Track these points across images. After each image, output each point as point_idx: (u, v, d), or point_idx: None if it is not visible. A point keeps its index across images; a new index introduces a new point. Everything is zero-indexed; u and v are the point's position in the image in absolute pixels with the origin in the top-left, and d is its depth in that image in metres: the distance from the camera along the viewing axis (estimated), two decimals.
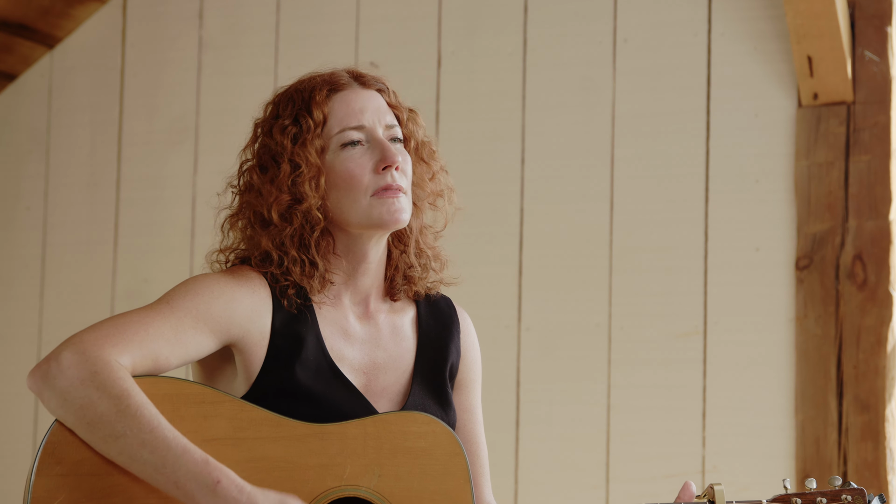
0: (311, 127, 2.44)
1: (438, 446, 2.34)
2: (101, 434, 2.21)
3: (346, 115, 2.46)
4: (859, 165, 4.02)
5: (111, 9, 4.70)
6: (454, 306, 2.63)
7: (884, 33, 4.04)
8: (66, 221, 4.69)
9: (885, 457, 3.91)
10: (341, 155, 2.44)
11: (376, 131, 2.46)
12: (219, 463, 2.22)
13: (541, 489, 4.19)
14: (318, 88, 2.47)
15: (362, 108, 2.46)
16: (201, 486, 2.19)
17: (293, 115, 2.46)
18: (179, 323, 2.32)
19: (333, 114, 2.46)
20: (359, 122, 2.45)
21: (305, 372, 2.39)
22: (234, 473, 2.22)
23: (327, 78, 2.50)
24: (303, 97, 2.47)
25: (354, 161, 2.43)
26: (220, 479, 2.20)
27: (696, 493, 2.45)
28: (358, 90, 2.49)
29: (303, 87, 2.49)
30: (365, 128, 2.45)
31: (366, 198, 2.42)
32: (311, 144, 2.43)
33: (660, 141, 4.19)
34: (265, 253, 2.44)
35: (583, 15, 4.28)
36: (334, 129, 2.45)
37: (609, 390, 4.17)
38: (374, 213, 2.42)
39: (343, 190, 2.43)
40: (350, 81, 2.50)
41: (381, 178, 2.42)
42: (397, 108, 2.53)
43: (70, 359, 2.22)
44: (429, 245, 2.58)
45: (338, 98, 2.47)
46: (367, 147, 2.45)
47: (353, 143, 2.44)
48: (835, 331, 3.99)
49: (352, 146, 2.44)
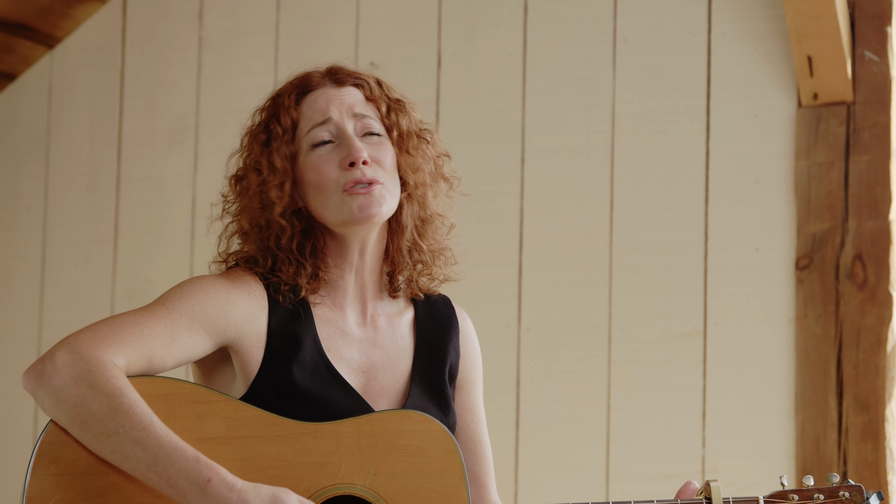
0: (279, 134, 2.45)
1: (433, 444, 2.34)
2: (93, 432, 2.21)
3: (312, 114, 2.46)
4: (859, 165, 4.02)
5: (111, 9, 4.71)
6: (453, 306, 2.62)
7: (884, 33, 4.04)
8: (66, 221, 4.69)
9: (885, 457, 3.91)
10: (311, 156, 2.44)
11: (344, 125, 2.45)
12: (210, 460, 2.22)
13: (541, 489, 4.19)
14: (286, 94, 2.48)
15: (328, 104, 2.46)
16: (192, 483, 2.20)
17: (265, 122, 2.48)
18: (174, 324, 2.32)
19: (303, 116, 2.47)
20: (324, 116, 2.45)
21: (303, 373, 2.39)
22: (225, 471, 2.22)
23: (298, 82, 2.50)
24: (273, 103, 2.49)
25: (322, 159, 2.43)
26: (211, 477, 2.20)
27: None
28: (329, 89, 2.48)
29: (277, 93, 2.50)
30: (332, 120, 2.45)
31: (336, 195, 2.42)
32: (277, 151, 2.44)
33: (660, 141, 4.19)
34: (254, 259, 2.45)
35: (583, 15, 4.28)
36: (304, 130, 2.45)
37: (609, 390, 4.17)
38: (346, 210, 2.41)
39: (315, 189, 2.43)
40: (322, 81, 2.49)
41: (348, 174, 2.42)
42: (377, 100, 2.51)
43: (64, 358, 2.23)
44: (429, 240, 2.56)
45: (307, 99, 2.47)
46: (336, 145, 2.45)
47: (322, 142, 2.44)
48: (835, 331, 3.99)
49: (322, 146, 2.44)
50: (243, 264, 2.46)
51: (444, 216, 2.57)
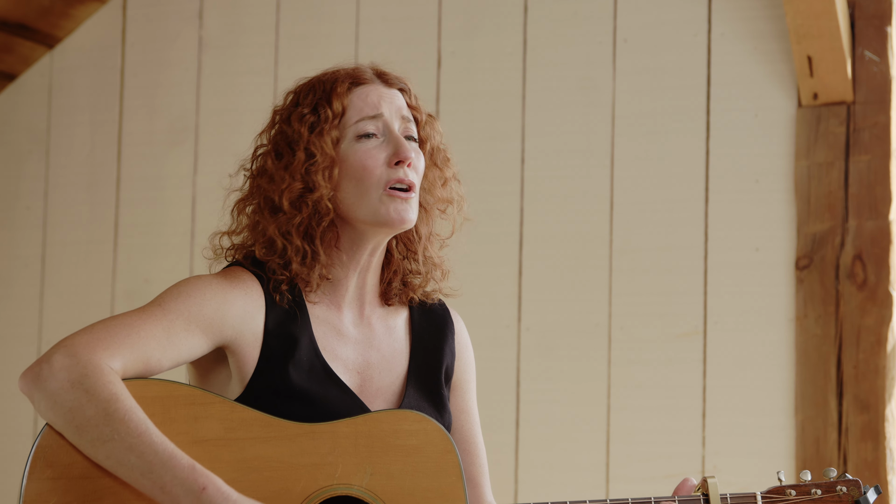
0: (328, 117, 2.44)
1: (430, 444, 2.34)
2: (88, 437, 2.21)
3: (363, 107, 2.45)
4: (859, 165, 4.01)
5: (111, 9, 4.71)
6: (447, 308, 2.62)
7: (884, 33, 4.04)
8: (66, 221, 4.69)
9: (884, 457, 3.91)
10: (356, 146, 2.44)
11: (392, 124, 2.45)
12: (205, 469, 2.22)
13: (541, 489, 4.19)
14: (340, 80, 2.47)
15: (380, 101, 2.46)
16: (187, 491, 2.19)
17: (313, 104, 2.46)
18: (171, 325, 2.32)
19: (352, 105, 2.46)
20: (376, 111, 2.45)
21: (299, 373, 2.39)
22: (220, 480, 2.22)
23: (350, 72, 2.50)
24: (324, 87, 2.47)
25: (368, 153, 2.43)
26: (206, 486, 2.20)
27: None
28: (380, 87, 2.49)
29: (325, 79, 2.49)
30: (382, 116, 2.45)
31: (377, 191, 2.42)
32: (327, 134, 2.43)
33: (660, 141, 4.19)
34: (269, 240, 2.43)
35: (583, 15, 4.28)
36: (352, 119, 2.45)
37: (609, 390, 4.17)
38: (383, 210, 2.42)
39: (355, 181, 2.42)
40: (373, 78, 2.50)
41: (393, 172, 2.42)
42: (417, 109, 2.53)
43: (61, 362, 2.22)
44: (434, 253, 2.57)
45: (358, 91, 2.47)
46: (383, 140, 2.45)
47: (368, 135, 2.44)
48: (835, 331, 3.99)
49: (367, 138, 2.44)
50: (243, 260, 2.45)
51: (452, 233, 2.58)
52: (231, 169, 2.56)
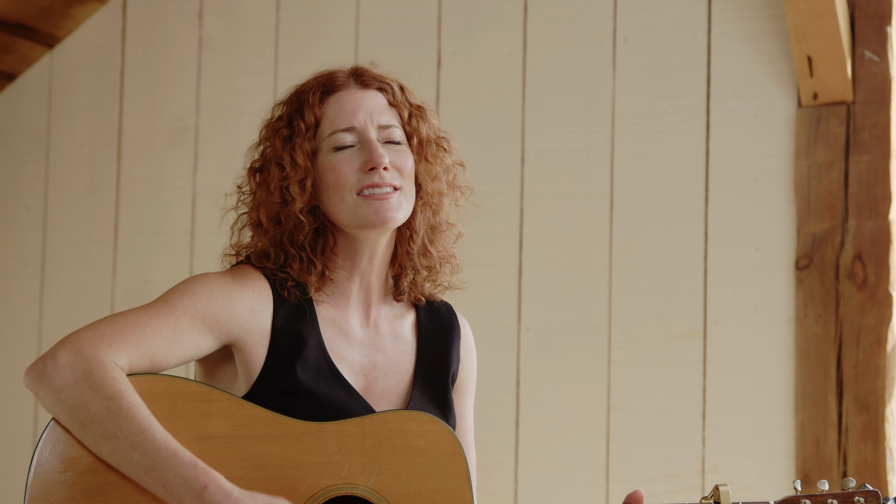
0: (301, 130, 2.45)
1: (437, 445, 2.34)
2: (92, 434, 2.21)
3: (337, 118, 2.46)
4: (859, 165, 4.02)
5: (111, 9, 4.70)
6: (454, 312, 2.63)
7: (884, 33, 4.04)
8: (66, 221, 4.69)
9: (884, 457, 3.91)
10: (332, 157, 2.45)
11: (367, 132, 2.46)
12: (208, 467, 2.22)
13: (541, 489, 4.19)
14: (311, 91, 2.48)
15: (354, 110, 2.47)
16: (189, 489, 2.20)
17: (288, 117, 2.49)
18: (177, 322, 2.32)
19: (326, 116, 2.47)
20: (349, 123, 2.46)
21: (307, 372, 2.39)
22: (222, 478, 2.22)
23: (323, 80, 2.50)
24: (298, 99, 2.49)
25: (342, 160, 2.44)
26: (208, 484, 2.20)
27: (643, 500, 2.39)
28: (354, 91, 2.49)
29: (302, 89, 2.50)
30: (356, 129, 2.46)
31: (352, 196, 2.43)
32: (300, 147, 2.44)
33: (660, 141, 4.19)
34: (264, 252, 2.45)
35: (583, 15, 4.28)
36: (326, 131, 2.46)
37: (609, 390, 4.17)
38: (361, 213, 2.43)
39: (331, 189, 2.44)
40: (347, 82, 2.50)
41: (366, 178, 2.43)
42: (399, 105, 2.52)
43: (66, 358, 2.22)
44: (438, 247, 2.57)
45: (332, 100, 2.48)
46: (358, 148, 2.45)
47: (344, 147, 2.45)
48: (835, 331, 3.99)
49: (343, 150, 2.45)
50: (255, 258, 2.46)
51: (453, 225, 2.58)
52: (230, 169, 2.57)
